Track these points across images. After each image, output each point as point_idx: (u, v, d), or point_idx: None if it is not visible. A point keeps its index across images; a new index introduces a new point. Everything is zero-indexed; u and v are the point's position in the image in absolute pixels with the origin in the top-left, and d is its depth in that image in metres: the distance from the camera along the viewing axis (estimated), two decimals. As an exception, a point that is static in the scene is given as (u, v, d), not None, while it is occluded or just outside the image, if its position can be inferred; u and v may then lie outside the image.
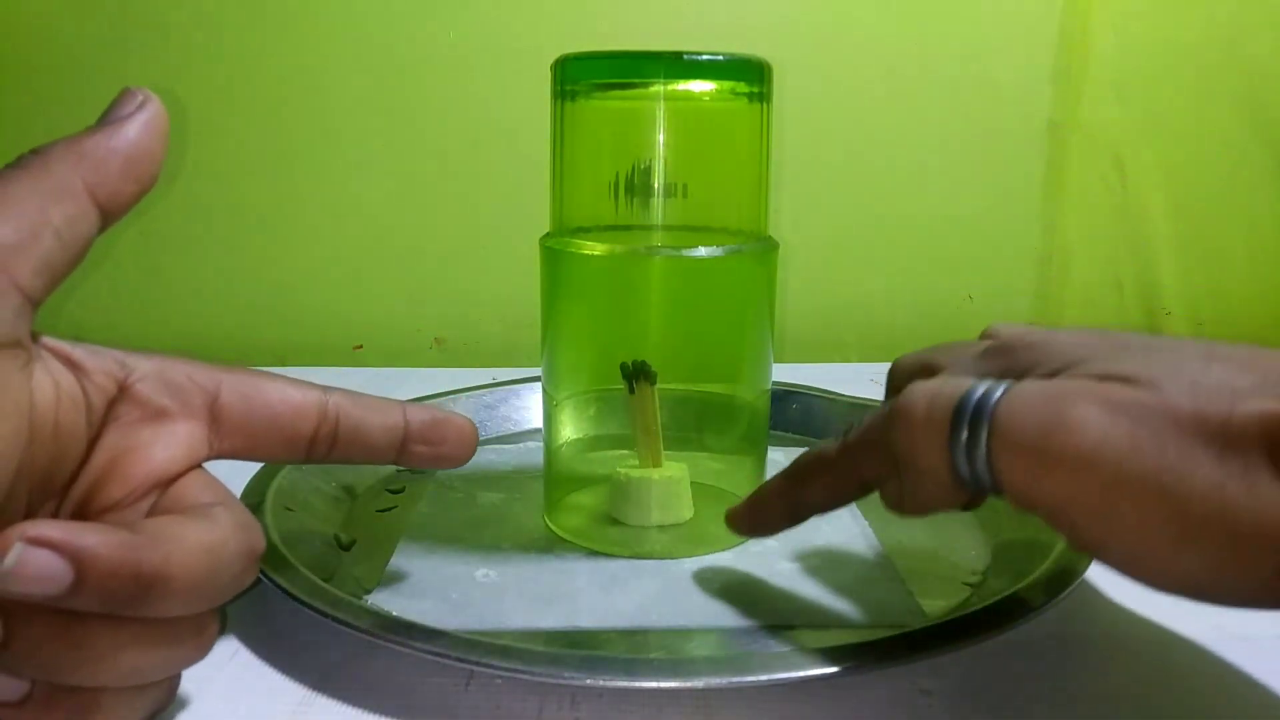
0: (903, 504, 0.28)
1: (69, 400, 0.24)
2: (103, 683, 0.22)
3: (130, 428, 0.25)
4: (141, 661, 0.22)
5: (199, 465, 0.26)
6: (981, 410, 0.24)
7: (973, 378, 0.25)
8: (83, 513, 0.24)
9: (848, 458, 0.29)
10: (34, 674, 0.21)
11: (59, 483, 0.24)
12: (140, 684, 0.23)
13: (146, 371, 0.26)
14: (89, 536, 0.20)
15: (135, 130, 0.24)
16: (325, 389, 0.28)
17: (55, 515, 0.24)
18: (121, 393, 0.25)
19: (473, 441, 0.30)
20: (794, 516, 0.32)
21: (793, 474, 0.32)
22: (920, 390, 0.25)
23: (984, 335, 0.30)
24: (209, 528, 0.23)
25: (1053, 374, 0.24)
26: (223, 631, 0.24)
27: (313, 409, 0.28)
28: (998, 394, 0.24)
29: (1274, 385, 0.21)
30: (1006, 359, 0.26)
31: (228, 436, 0.27)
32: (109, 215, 0.24)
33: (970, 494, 0.25)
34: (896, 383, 0.30)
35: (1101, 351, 0.24)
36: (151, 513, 0.25)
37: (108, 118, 0.24)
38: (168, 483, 0.25)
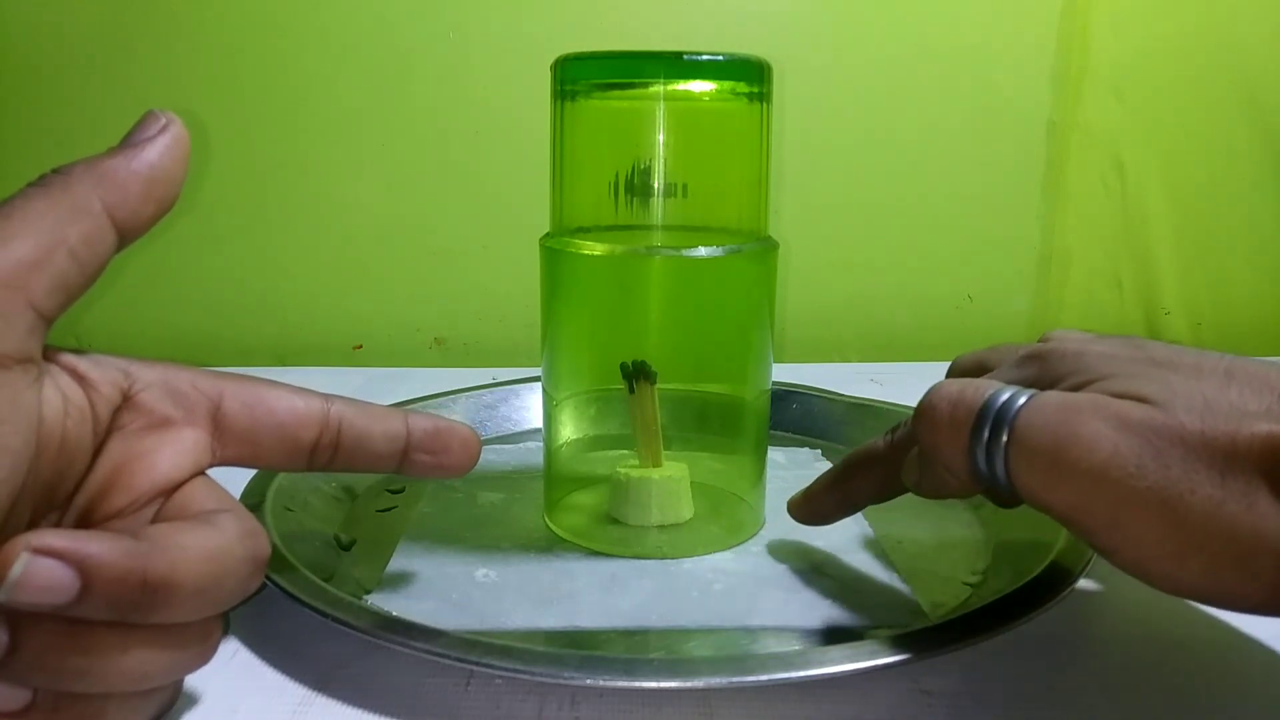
0: (920, 487, 0.30)
1: (76, 413, 0.24)
2: (108, 689, 0.22)
3: (134, 436, 0.25)
4: (147, 667, 0.22)
5: (203, 472, 0.26)
6: (1003, 416, 0.25)
7: (1002, 382, 0.27)
8: (86, 521, 0.24)
9: (895, 453, 0.32)
10: (40, 682, 0.21)
11: (63, 494, 0.24)
12: (145, 689, 0.23)
13: (150, 380, 0.26)
14: (94, 544, 0.20)
15: (156, 153, 0.24)
16: (327, 397, 0.28)
17: (58, 525, 0.24)
18: (126, 402, 0.25)
19: (475, 450, 0.30)
20: (846, 507, 0.35)
21: (844, 468, 0.35)
22: (945, 391, 0.28)
23: (1042, 339, 0.32)
24: (214, 534, 0.23)
25: (1078, 386, 0.25)
26: (225, 634, 0.24)
27: (315, 417, 0.28)
28: (1020, 402, 0.25)
29: None
30: (1040, 367, 0.28)
31: (231, 444, 0.27)
32: (126, 235, 0.24)
33: (984, 488, 0.27)
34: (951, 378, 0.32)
35: (1127, 367, 0.25)
36: (155, 520, 0.25)
37: (130, 139, 0.24)
38: (171, 490, 0.25)
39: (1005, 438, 0.25)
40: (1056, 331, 0.32)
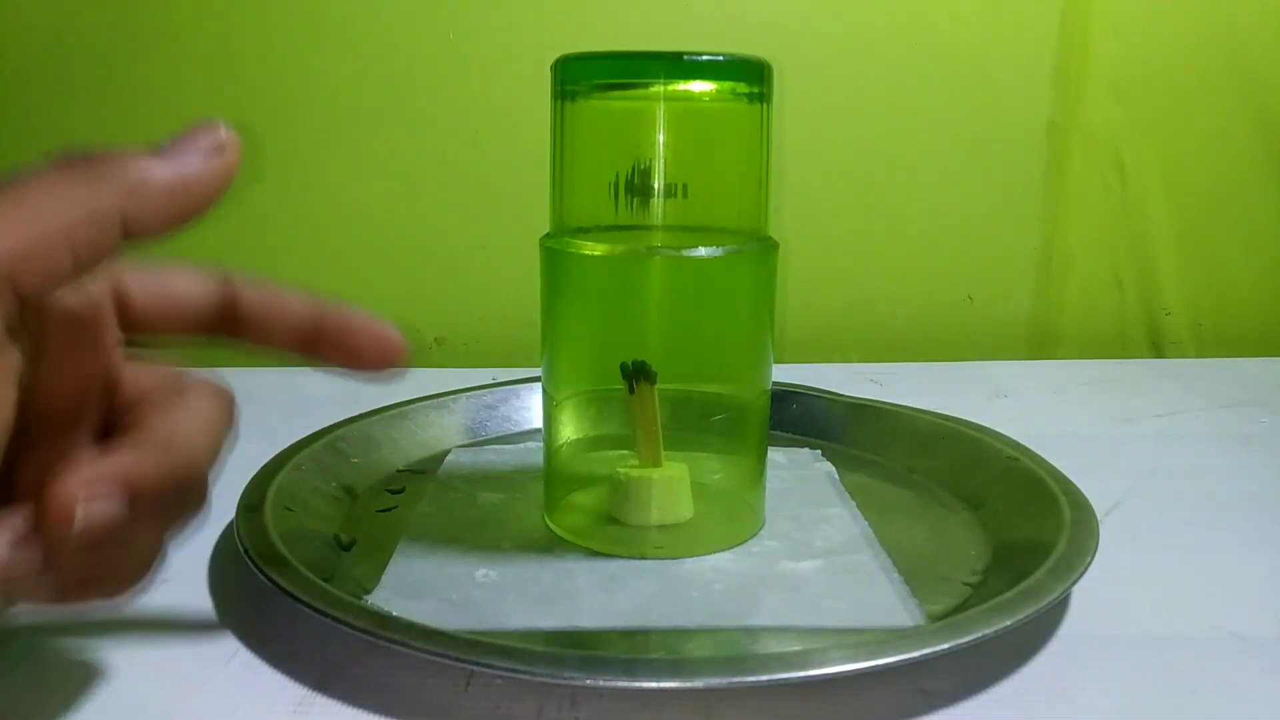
0: None
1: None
2: (131, 565, 0.24)
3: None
4: (159, 540, 0.24)
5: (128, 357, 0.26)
6: None
7: None
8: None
9: None
10: (64, 583, 0.23)
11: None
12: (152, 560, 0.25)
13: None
14: (130, 465, 0.22)
15: (199, 180, 0.23)
16: (229, 271, 0.27)
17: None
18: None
19: (394, 346, 0.29)
20: None
21: None
22: None
23: None
24: (201, 407, 0.25)
25: None
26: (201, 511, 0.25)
27: (214, 287, 0.27)
28: None
29: None
30: None
31: (135, 322, 0.26)
32: (133, 243, 0.23)
33: None
34: None
35: None
36: (131, 416, 0.25)
37: (179, 147, 0.23)
38: (116, 385, 0.25)
39: None
40: None
